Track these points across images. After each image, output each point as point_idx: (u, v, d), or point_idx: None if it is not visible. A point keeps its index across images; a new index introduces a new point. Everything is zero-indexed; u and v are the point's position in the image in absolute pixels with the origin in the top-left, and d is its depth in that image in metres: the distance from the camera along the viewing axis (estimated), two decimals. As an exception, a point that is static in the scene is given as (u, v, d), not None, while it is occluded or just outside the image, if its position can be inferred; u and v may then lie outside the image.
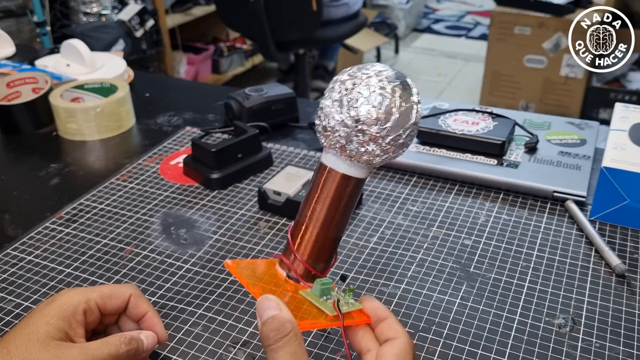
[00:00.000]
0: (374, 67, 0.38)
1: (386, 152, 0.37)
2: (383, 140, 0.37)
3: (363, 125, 0.36)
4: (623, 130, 0.67)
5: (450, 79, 3.36)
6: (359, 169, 0.38)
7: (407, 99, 0.37)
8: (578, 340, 0.49)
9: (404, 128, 0.37)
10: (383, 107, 0.36)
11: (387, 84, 0.36)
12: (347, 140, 0.37)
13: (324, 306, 0.39)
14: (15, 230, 0.65)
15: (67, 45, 1.02)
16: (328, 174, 0.39)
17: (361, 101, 0.36)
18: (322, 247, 0.40)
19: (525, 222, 0.64)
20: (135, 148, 0.84)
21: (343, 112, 0.37)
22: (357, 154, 0.37)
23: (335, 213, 0.39)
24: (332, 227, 0.39)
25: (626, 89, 2.52)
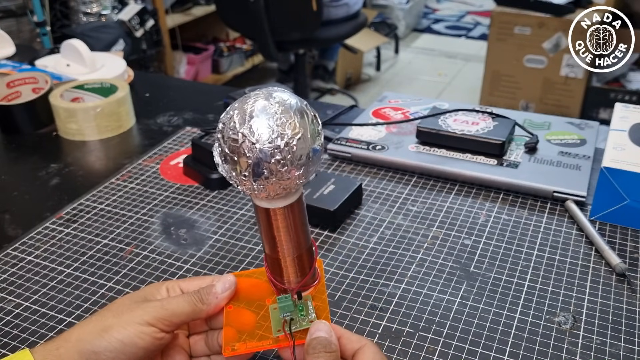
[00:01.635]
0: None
1: (296, 177, 0.35)
2: (286, 172, 0.35)
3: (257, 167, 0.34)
4: (623, 130, 0.67)
5: (450, 79, 3.36)
6: (284, 199, 0.37)
7: (298, 125, 0.35)
8: (579, 338, 0.49)
9: (302, 153, 0.35)
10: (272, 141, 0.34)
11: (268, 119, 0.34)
12: (254, 185, 0.35)
13: (274, 325, 0.40)
14: (15, 230, 0.65)
15: (67, 45, 1.02)
16: (260, 211, 0.38)
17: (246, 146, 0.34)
18: (292, 267, 0.40)
19: (525, 222, 0.64)
20: (135, 148, 0.84)
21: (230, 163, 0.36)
22: (271, 190, 0.36)
23: (290, 238, 0.39)
24: (294, 249, 0.39)
25: (626, 89, 2.52)
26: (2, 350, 0.49)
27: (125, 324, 0.38)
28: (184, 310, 0.40)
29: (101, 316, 0.39)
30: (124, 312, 0.39)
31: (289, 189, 0.36)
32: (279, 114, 0.34)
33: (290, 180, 0.35)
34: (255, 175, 0.34)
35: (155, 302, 0.39)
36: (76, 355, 0.37)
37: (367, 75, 3.41)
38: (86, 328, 0.38)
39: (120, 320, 0.38)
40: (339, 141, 0.78)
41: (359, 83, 3.32)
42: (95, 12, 2.24)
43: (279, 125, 0.34)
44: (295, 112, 0.35)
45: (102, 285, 0.56)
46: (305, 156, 0.35)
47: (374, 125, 0.82)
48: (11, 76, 0.92)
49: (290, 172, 0.35)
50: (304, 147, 0.35)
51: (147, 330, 0.38)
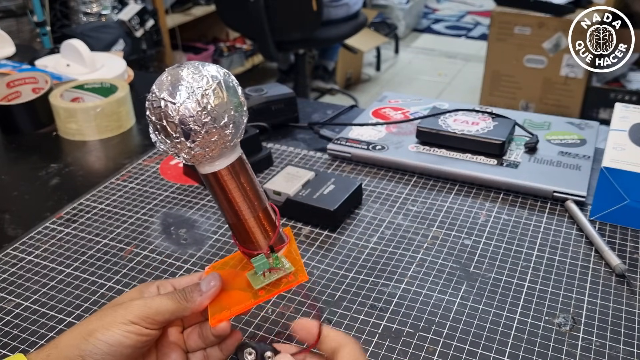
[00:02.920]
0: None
1: (223, 131, 0.38)
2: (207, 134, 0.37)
3: (180, 130, 0.37)
4: (623, 130, 0.67)
5: (450, 79, 3.36)
6: (224, 158, 0.39)
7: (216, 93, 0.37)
8: (578, 339, 0.49)
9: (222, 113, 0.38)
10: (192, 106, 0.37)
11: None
12: (189, 146, 0.38)
13: (255, 282, 0.42)
14: (15, 230, 0.65)
15: (67, 45, 1.02)
16: (209, 179, 0.40)
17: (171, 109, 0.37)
18: (257, 228, 0.42)
19: (525, 222, 0.64)
20: (135, 148, 0.84)
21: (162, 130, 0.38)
22: (207, 148, 0.38)
23: (244, 196, 0.41)
24: (251, 208, 0.41)
25: (626, 89, 2.52)
26: (2, 351, 0.49)
27: (108, 325, 0.38)
28: (167, 308, 0.40)
29: (86, 321, 0.39)
30: (108, 314, 0.39)
31: (223, 145, 0.38)
32: (195, 76, 0.37)
33: (220, 134, 0.37)
34: (185, 135, 0.37)
35: (139, 301, 0.40)
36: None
37: (367, 75, 3.41)
38: (72, 334, 0.39)
39: (103, 322, 0.38)
40: (339, 141, 0.78)
41: (359, 83, 3.32)
42: (95, 12, 2.24)
43: (195, 86, 0.37)
44: (211, 76, 0.38)
45: (102, 285, 0.56)
46: (227, 110, 0.38)
47: (374, 125, 0.82)
48: (11, 76, 0.92)
49: (217, 125, 0.37)
50: (224, 102, 0.37)
51: (131, 329, 0.38)
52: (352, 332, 0.50)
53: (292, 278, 0.42)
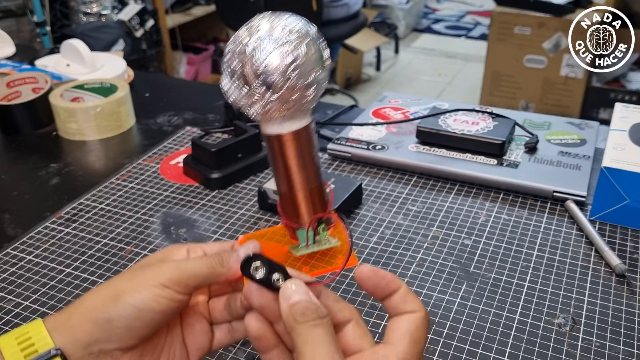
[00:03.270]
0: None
1: (304, 91, 0.36)
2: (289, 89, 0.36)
3: (262, 79, 0.36)
4: (623, 130, 0.67)
5: (450, 79, 3.36)
6: (294, 121, 0.38)
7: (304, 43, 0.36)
8: (578, 340, 0.49)
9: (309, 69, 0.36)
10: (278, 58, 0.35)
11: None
12: (265, 97, 0.36)
13: (295, 251, 0.39)
14: (15, 229, 0.65)
15: (67, 45, 1.02)
16: (271, 140, 0.38)
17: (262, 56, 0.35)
18: (306, 202, 0.40)
19: (525, 222, 0.64)
20: (135, 148, 0.84)
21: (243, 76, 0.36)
22: (282, 104, 0.36)
23: (301, 166, 0.39)
24: (305, 180, 0.39)
25: (626, 89, 2.52)
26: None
27: (138, 287, 0.35)
28: (201, 273, 0.36)
29: (114, 281, 0.36)
30: (137, 275, 0.36)
31: (300, 106, 0.37)
32: (287, 31, 0.36)
33: (302, 92, 0.36)
34: (267, 86, 0.35)
35: (171, 263, 0.36)
36: (89, 325, 0.34)
37: (367, 75, 3.41)
38: (98, 295, 0.35)
39: (133, 283, 0.35)
40: (339, 141, 0.78)
41: (359, 83, 3.32)
42: (95, 12, 2.24)
43: (287, 40, 0.35)
44: (303, 31, 0.36)
45: (101, 285, 0.56)
46: (313, 70, 0.36)
47: (374, 125, 0.82)
48: (11, 76, 0.92)
49: (301, 82, 0.36)
50: (312, 60, 0.36)
51: (164, 293, 0.35)
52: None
53: (341, 259, 0.39)
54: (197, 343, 0.39)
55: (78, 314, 0.35)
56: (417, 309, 0.34)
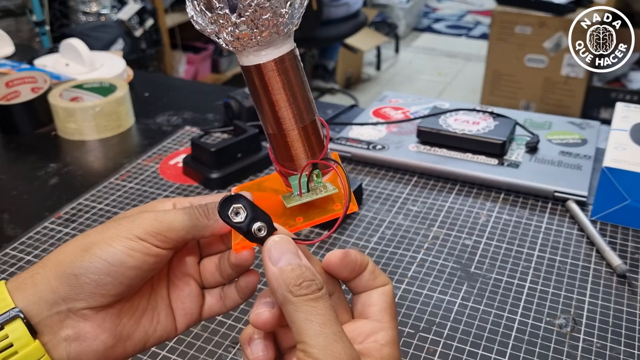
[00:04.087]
0: None
1: (278, 12, 0.31)
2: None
3: None
4: (624, 130, 0.66)
5: (451, 78, 3.36)
6: (273, 48, 0.32)
7: None
8: (579, 341, 0.48)
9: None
10: None
11: None
12: (234, 21, 0.31)
13: (287, 202, 0.34)
14: (14, 230, 0.65)
15: (66, 44, 1.02)
16: (251, 74, 0.33)
17: None
18: (300, 143, 0.34)
19: (526, 222, 0.64)
20: (134, 148, 0.84)
21: None
22: (253, 30, 0.31)
23: (289, 101, 0.33)
24: (296, 117, 0.34)
25: (627, 88, 2.52)
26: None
27: (110, 239, 0.31)
28: (183, 224, 0.32)
29: (86, 234, 0.32)
30: (111, 227, 0.32)
31: (275, 29, 0.31)
32: None
33: (274, 11, 0.31)
34: (232, 7, 0.30)
35: (149, 214, 0.32)
36: (54, 281, 0.30)
37: (367, 74, 3.41)
38: (66, 249, 0.32)
39: (105, 235, 0.31)
40: (339, 141, 0.78)
41: (359, 82, 3.32)
42: (94, 12, 2.24)
43: None
44: None
45: (100, 286, 0.56)
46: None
47: (374, 125, 0.82)
48: (10, 76, 0.92)
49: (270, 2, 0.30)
50: None
51: (137, 246, 0.31)
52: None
53: (338, 206, 0.34)
54: (186, 308, 0.35)
55: (42, 271, 0.31)
56: (386, 281, 0.33)
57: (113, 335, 0.32)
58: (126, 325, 0.33)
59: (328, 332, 0.28)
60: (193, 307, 0.35)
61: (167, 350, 0.48)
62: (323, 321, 0.28)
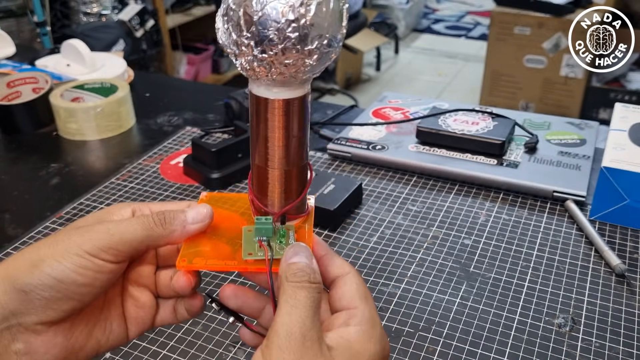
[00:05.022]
0: None
1: (306, 58, 0.30)
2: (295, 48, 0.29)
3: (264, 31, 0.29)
4: (623, 130, 0.67)
5: (450, 79, 3.36)
6: (287, 89, 0.31)
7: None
8: (578, 340, 0.49)
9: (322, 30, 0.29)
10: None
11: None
12: (255, 52, 0.30)
13: (245, 247, 0.34)
14: (15, 229, 0.65)
15: (67, 45, 1.02)
16: (257, 102, 0.32)
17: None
18: (280, 184, 0.34)
19: (525, 221, 0.64)
20: (135, 148, 0.84)
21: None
22: (274, 66, 0.30)
23: (285, 143, 0.33)
24: (286, 159, 0.33)
25: (626, 89, 2.52)
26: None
27: (59, 255, 0.30)
28: (135, 236, 0.31)
29: (37, 246, 0.31)
30: (62, 239, 0.31)
31: (294, 74, 0.30)
32: None
33: (299, 59, 0.29)
34: (258, 40, 0.29)
35: (100, 226, 0.31)
36: (3, 296, 0.29)
37: (367, 75, 3.41)
38: (15, 262, 0.30)
39: (54, 250, 0.30)
40: (339, 141, 0.78)
41: (359, 83, 3.32)
42: (95, 12, 2.24)
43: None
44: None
45: (102, 285, 0.56)
46: (321, 37, 0.29)
47: (374, 125, 0.82)
48: (11, 76, 0.92)
49: (300, 47, 0.29)
50: (323, 25, 0.29)
51: (87, 264, 0.30)
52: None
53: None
54: (139, 317, 0.35)
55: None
56: (348, 269, 0.33)
57: (65, 349, 0.31)
58: (78, 337, 0.32)
59: (296, 315, 0.29)
60: (146, 317, 0.35)
61: (167, 350, 0.48)
62: (295, 304, 0.30)
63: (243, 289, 0.35)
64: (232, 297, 0.34)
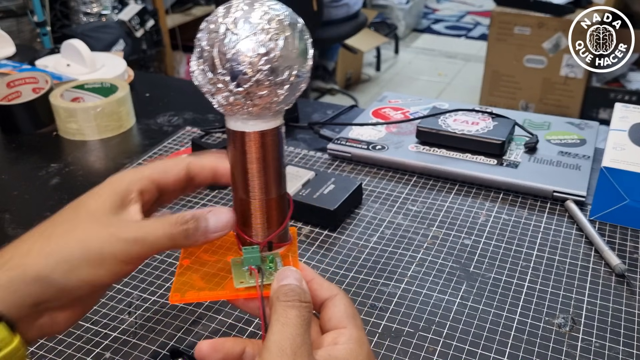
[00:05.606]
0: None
1: (277, 90, 0.33)
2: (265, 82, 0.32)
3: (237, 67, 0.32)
4: (623, 130, 0.67)
5: (450, 79, 3.36)
6: (261, 121, 0.34)
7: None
8: (578, 340, 0.49)
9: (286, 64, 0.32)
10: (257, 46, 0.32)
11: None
12: (230, 87, 0.32)
13: (236, 277, 0.36)
14: (15, 230, 0.65)
15: (67, 45, 1.02)
16: (233, 136, 0.35)
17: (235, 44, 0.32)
18: (262, 214, 0.36)
19: (525, 221, 0.64)
20: (135, 148, 0.85)
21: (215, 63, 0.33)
22: (248, 100, 0.33)
23: (263, 173, 0.35)
24: (265, 189, 0.36)
25: (626, 89, 2.52)
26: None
27: (97, 264, 0.33)
28: (160, 246, 0.34)
29: (67, 245, 0.33)
30: (93, 247, 0.33)
31: (267, 105, 0.33)
32: (269, 16, 0.32)
33: (272, 91, 0.32)
34: (233, 76, 0.32)
35: (129, 237, 0.33)
36: (37, 290, 0.32)
37: (367, 75, 3.41)
38: (48, 261, 0.33)
39: (89, 256, 0.33)
40: (339, 141, 0.78)
41: (359, 83, 3.33)
42: (95, 12, 2.25)
43: (267, 27, 0.31)
44: (287, 21, 0.32)
45: (102, 285, 0.56)
46: (290, 67, 0.32)
47: (374, 125, 0.82)
48: (11, 76, 0.92)
49: (272, 78, 0.32)
50: (291, 57, 0.32)
51: (119, 271, 0.34)
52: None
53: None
54: None
55: (28, 277, 0.32)
56: (336, 291, 0.36)
57: (83, 312, 0.36)
58: (94, 302, 0.38)
59: (287, 333, 0.31)
60: None
61: (167, 349, 0.48)
62: (286, 322, 0.32)
63: (219, 340, 0.35)
64: (213, 353, 0.35)
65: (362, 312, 0.52)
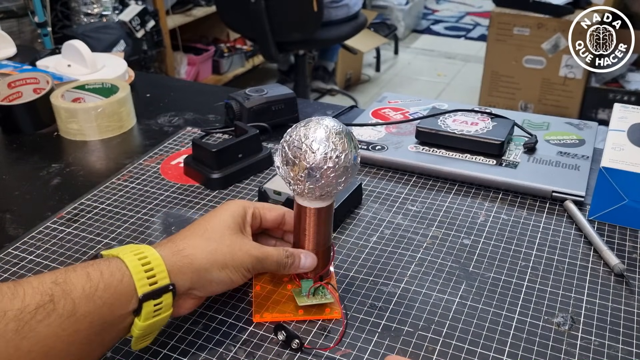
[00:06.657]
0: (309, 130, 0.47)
1: (337, 183, 0.48)
2: (330, 178, 0.47)
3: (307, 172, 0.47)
4: (622, 131, 0.67)
5: (450, 79, 3.36)
6: (322, 201, 0.49)
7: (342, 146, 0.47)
8: (577, 339, 0.49)
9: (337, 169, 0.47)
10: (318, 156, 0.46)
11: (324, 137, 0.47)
12: (306, 185, 0.47)
13: (299, 299, 0.51)
14: (16, 230, 0.65)
15: (68, 45, 1.02)
16: (300, 209, 0.50)
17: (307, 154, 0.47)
18: (319, 259, 0.52)
19: (524, 221, 0.64)
20: (136, 148, 0.85)
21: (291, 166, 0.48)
22: (317, 192, 0.48)
23: (316, 234, 0.51)
24: (316, 244, 0.51)
25: (625, 89, 2.52)
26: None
27: (236, 267, 0.47)
28: (270, 268, 0.49)
29: (220, 251, 0.47)
30: (238, 257, 0.47)
31: (329, 194, 0.48)
32: (333, 134, 0.46)
33: (333, 185, 0.47)
34: (309, 178, 0.46)
35: (254, 258, 0.48)
36: (194, 277, 0.45)
37: (366, 75, 3.42)
38: (206, 260, 0.46)
39: (233, 261, 0.47)
40: (339, 141, 0.79)
41: (359, 84, 3.33)
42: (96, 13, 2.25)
43: (333, 146, 0.46)
44: (343, 134, 0.47)
45: (103, 285, 0.56)
46: (346, 167, 0.47)
47: (374, 126, 0.82)
48: (12, 77, 0.92)
49: (335, 178, 0.47)
50: (348, 161, 0.47)
51: (247, 276, 0.49)
52: (352, 331, 0.50)
53: (329, 311, 0.51)
54: None
55: (194, 266, 0.45)
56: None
57: (200, 301, 0.48)
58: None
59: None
60: None
61: (168, 349, 0.49)
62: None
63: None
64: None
65: (361, 312, 0.52)
